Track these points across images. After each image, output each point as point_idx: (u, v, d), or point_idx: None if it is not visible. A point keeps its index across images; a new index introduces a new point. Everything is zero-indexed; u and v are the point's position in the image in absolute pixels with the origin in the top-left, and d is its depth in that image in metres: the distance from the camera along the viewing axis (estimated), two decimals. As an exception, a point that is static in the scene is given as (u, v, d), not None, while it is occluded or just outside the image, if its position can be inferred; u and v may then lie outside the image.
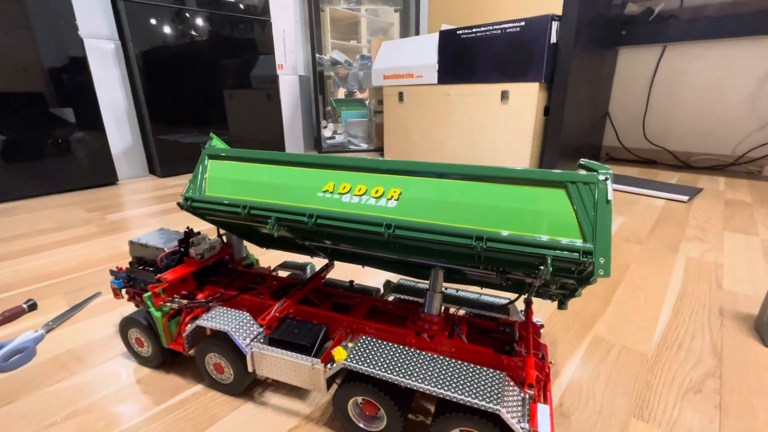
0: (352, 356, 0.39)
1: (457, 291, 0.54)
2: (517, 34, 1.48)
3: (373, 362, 0.38)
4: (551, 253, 0.32)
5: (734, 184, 1.57)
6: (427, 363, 0.38)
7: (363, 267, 0.84)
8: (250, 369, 0.44)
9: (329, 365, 0.41)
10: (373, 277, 0.80)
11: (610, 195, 0.31)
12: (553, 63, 1.46)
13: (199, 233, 0.54)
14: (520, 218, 0.33)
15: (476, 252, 0.34)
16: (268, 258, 0.89)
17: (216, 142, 0.49)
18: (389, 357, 0.39)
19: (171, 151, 1.77)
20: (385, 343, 0.41)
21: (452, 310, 0.51)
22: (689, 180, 1.65)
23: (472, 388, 0.35)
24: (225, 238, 0.59)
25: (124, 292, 0.57)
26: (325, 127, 2.50)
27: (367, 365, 0.38)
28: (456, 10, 2.07)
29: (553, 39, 1.42)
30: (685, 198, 1.32)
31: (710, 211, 1.21)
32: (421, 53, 1.83)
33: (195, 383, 0.51)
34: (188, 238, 0.53)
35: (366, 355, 0.39)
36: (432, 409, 0.46)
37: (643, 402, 0.47)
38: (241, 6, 1.86)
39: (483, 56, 1.60)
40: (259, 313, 0.51)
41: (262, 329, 0.46)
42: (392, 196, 0.38)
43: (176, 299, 0.50)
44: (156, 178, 1.78)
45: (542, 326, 0.49)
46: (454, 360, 0.38)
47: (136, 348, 0.54)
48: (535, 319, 0.50)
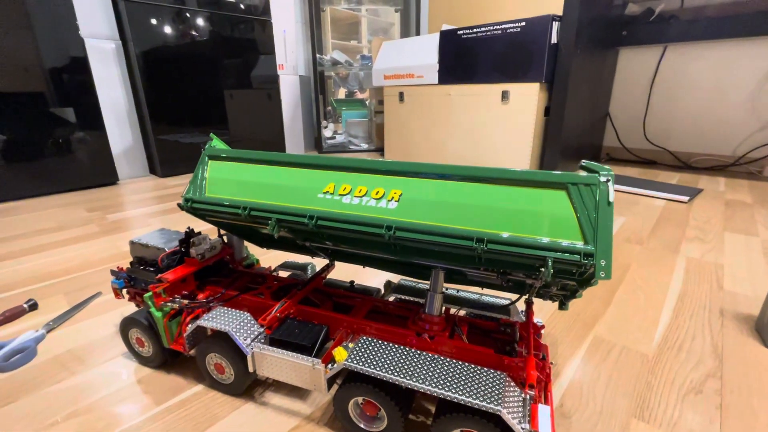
0: (352, 356, 0.39)
1: (458, 291, 0.54)
2: (518, 35, 1.48)
3: (374, 363, 0.38)
4: (552, 255, 0.32)
5: (734, 185, 1.57)
6: (427, 363, 0.38)
7: (363, 267, 0.84)
8: (250, 369, 0.44)
9: (330, 365, 0.41)
10: (374, 278, 0.80)
11: (612, 197, 0.31)
12: (554, 63, 1.46)
13: (200, 233, 0.55)
14: (520, 220, 0.33)
15: (477, 253, 0.34)
16: (269, 258, 0.89)
17: (216, 143, 0.49)
18: (390, 357, 0.39)
19: (171, 151, 1.77)
20: (385, 343, 0.41)
21: (453, 310, 0.51)
22: (689, 180, 1.65)
23: (472, 388, 0.35)
24: (226, 239, 0.59)
25: (125, 292, 0.57)
26: (326, 127, 2.50)
27: (367, 366, 0.38)
28: (456, 10, 2.06)
29: (554, 39, 1.42)
30: (686, 198, 1.32)
31: (711, 212, 1.21)
32: (422, 53, 1.83)
33: (196, 383, 0.51)
34: (189, 238, 0.53)
35: (367, 356, 0.39)
36: (433, 410, 0.46)
37: (644, 403, 0.47)
38: (242, 6, 1.86)
39: (483, 56, 1.60)
40: (259, 313, 0.51)
41: (262, 329, 0.46)
42: (393, 198, 0.38)
43: (177, 299, 0.50)
44: (156, 178, 1.78)
45: (543, 327, 0.49)
46: (454, 360, 0.38)
47: (136, 348, 0.54)
48: (536, 320, 0.50)
